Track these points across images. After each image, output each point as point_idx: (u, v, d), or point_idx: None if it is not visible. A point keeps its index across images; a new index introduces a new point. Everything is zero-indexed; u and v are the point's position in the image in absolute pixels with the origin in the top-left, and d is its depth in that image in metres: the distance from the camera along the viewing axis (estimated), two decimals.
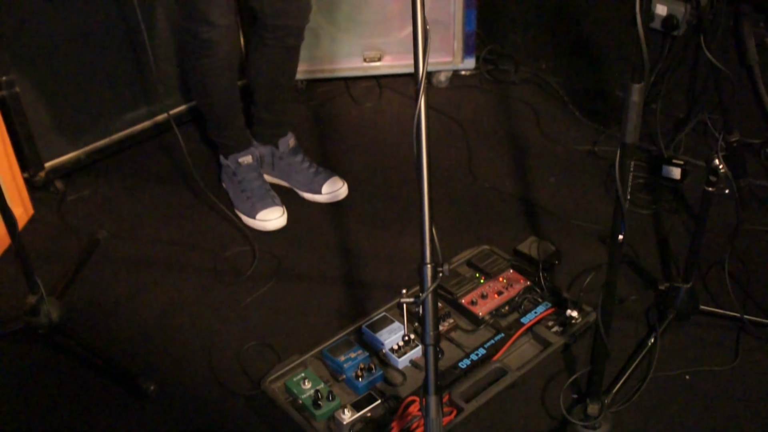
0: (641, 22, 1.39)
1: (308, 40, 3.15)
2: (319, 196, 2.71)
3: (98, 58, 2.72)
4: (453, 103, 3.26)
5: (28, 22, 2.52)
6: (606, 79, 3.21)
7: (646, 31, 1.40)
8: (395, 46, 3.26)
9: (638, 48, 1.42)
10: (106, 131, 2.86)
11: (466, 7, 3.19)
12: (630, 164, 1.57)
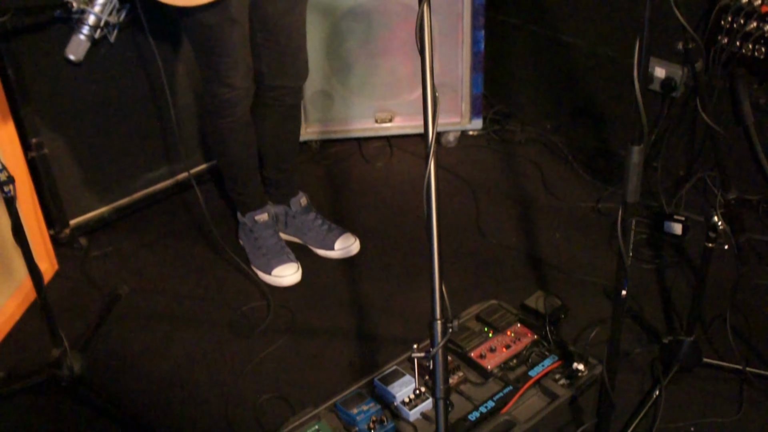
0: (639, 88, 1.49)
1: (322, 102, 3.30)
2: (332, 252, 2.79)
3: (123, 120, 2.84)
4: (461, 162, 3.35)
5: (58, 86, 2.65)
6: (608, 138, 3.30)
7: (644, 95, 1.49)
8: (405, 108, 3.37)
9: (637, 112, 1.51)
10: (129, 189, 2.97)
11: (474, 71, 3.30)
12: (632, 222, 1.64)
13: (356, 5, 3.14)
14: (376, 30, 3.20)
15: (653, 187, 2.88)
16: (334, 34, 3.19)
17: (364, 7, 3.14)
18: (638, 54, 1.42)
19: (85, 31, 2.49)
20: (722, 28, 2.65)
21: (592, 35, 3.22)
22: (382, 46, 3.23)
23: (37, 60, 2.57)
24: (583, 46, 3.26)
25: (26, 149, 2.62)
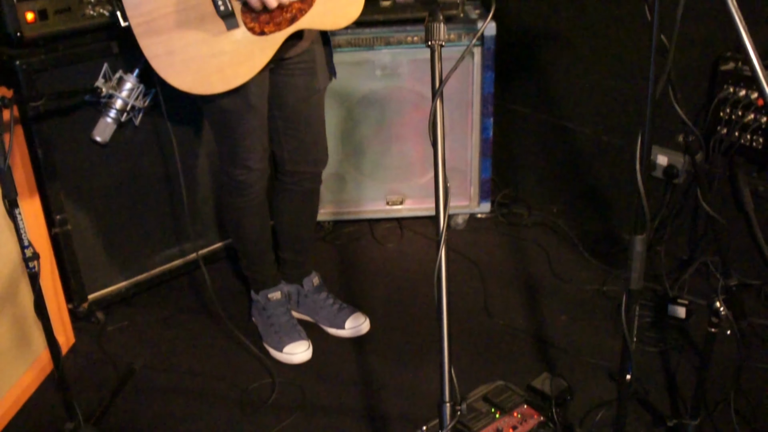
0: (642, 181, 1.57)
1: (335, 185, 3.40)
2: (342, 331, 2.84)
3: (143, 199, 2.94)
4: (470, 244, 3.41)
5: (83, 166, 2.75)
6: (613, 223, 3.37)
7: (647, 182, 1.57)
8: (416, 191, 3.45)
9: (639, 203, 1.59)
10: (147, 265, 3.04)
11: (482, 156, 3.40)
12: (635, 308, 1.70)
13: (370, 92, 3.28)
14: (389, 116, 3.32)
15: (657, 270, 2.94)
16: (348, 119, 3.32)
17: (378, 94, 3.28)
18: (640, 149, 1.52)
19: (113, 115, 2.62)
20: (721, 119, 2.74)
21: (596, 123, 3.32)
22: (394, 132, 3.35)
23: (65, 141, 2.69)
24: (588, 133, 3.37)
25: (50, 225, 2.71)
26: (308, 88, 2.50)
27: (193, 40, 2.12)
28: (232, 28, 2.14)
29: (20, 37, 2.54)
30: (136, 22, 2.08)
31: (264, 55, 2.20)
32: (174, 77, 2.14)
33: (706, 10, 2.52)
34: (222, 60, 2.15)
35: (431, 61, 1.51)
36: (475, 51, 3.19)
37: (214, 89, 2.20)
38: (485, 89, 3.27)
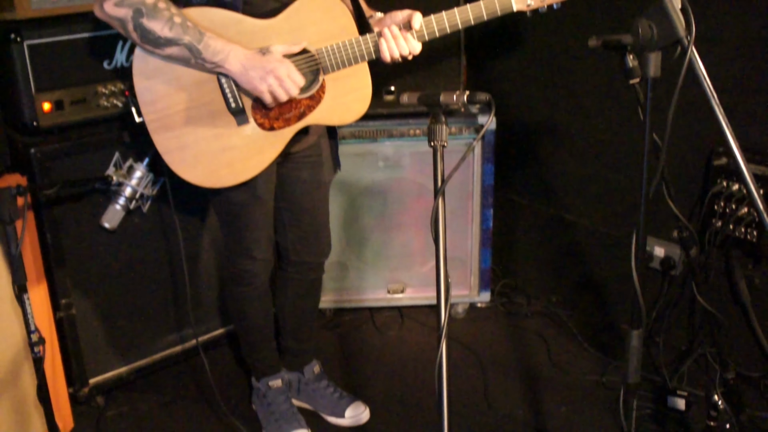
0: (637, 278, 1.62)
1: (337, 272, 3.44)
2: (342, 420, 2.83)
3: (148, 285, 2.98)
4: (469, 334, 3.42)
5: (91, 251, 2.80)
6: (612, 313, 3.38)
7: (644, 274, 1.63)
8: (417, 280, 3.49)
9: (635, 299, 1.63)
10: (149, 351, 3.05)
11: (482, 246, 3.44)
12: (634, 402, 1.73)
13: (373, 183, 3.36)
14: (391, 206, 3.40)
15: (656, 361, 2.95)
16: (351, 209, 3.39)
17: (381, 185, 3.36)
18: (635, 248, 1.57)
19: (122, 202, 2.69)
20: (716, 212, 2.80)
21: (594, 215, 3.38)
22: (396, 221, 3.42)
23: (73, 226, 2.75)
24: (586, 224, 3.43)
25: (55, 309, 2.75)
26: (314, 180, 2.57)
27: (205, 136, 2.20)
28: (243, 124, 2.22)
29: (36, 126, 2.64)
30: (150, 119, 2.17)
31: (273, 150, 2.28)
32: (185, 171, 2.22)
33: (699, 107, 2.61)
34: (232, 155, 2.23)
35: (434, 161, 1.58)
36: (475, 144, 3.28)
37: (223, 183, 2.27)
38: (485, 181, 3.35)
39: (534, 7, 2.26)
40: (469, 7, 2.22)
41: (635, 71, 1.97)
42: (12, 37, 2.55)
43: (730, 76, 2.70)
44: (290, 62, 2.16)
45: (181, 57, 2.10)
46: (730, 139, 1.48)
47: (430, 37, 2.25)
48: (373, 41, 2.24)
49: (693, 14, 1.61)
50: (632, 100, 2.17)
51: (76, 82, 2.69)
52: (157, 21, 2.05)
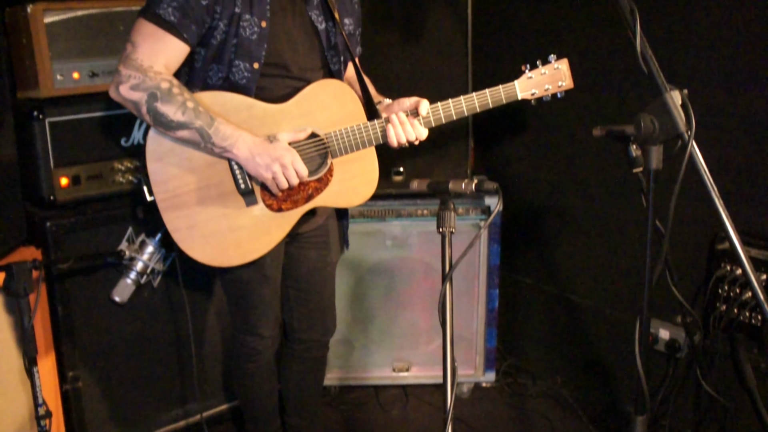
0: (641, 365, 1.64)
1: (342, 350, 3.44)
2: None
3: (155, 359, 2.99)
4: (474, 415, 3.40)
5: (100, 324, 2.83)
6: (617, 395, 3.35)
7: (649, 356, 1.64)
8: (422, 358, 3.49)
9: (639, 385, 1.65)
10: (153, 425, 3.04)
11: (488, 326, 3.45)
12: None
13: (380, 262, 3.40)
14: (398, 285, 3.43)
15: None
16: (358, 287, 3.42)
17: (388, 263, 3.40)
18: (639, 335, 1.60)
19: (133, 276, 2.73)
20: (720, 296, 2.81)
21: (599, 296, 3.40)
22: (402, 300, 3.44)
23: (84, 298, 2.78)
24: (591, 306, 3.44)
25: (62, 381, 2.76)
26: (321, 260, 2.61)
27: (214, 216, 2.25)
28: (251, 204, 2.27)
29: (53, 200, 2.71)
30: (161, 198, 2.23)
31: (281, 231, 2.33)
32: (194, 250, 2.26)
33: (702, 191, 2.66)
34: (240, 235, 2.28)
35: (442, 246, 1.63)
36: (481, 225, 3.33)
37: (231, 262, 2.31)
38: (491, 261, 3.39)
39: (538, 96, 2.34)
40: (475, 95, 2.30)
41: (638, 161, 2.03)
42: (35, 115, 2.64)
43: (733, 160, 2.76)
44: (296, 152, 2.22)
45: (191, 140, 2.16)
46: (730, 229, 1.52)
47: (436, 124, 2.33)
48: (380, 127, 2.31)
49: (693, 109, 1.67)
50: (636, 184, 2.22)
51: (94, 158, 2.78)
52: (171, 105, 2.11)
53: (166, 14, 2.13)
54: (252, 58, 2.22)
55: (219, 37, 2.20)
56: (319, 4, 2.36)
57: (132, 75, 2.11)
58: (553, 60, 2.36)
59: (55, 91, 2.70)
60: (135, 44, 2.15)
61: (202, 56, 2.24)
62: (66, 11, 2.71)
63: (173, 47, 2.16)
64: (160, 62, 2.14)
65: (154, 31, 2.14)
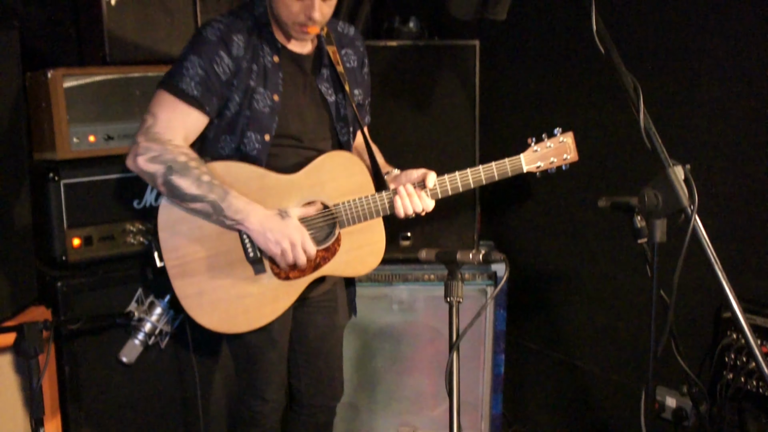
0: None
1: (348, 413, 3.42)
2: None
3: (158, 421, 2.97)
4: None
5: (106, 384, 2.82)
6: None
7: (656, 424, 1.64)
8: (428, 423, 3.45)
9: None
10: None
11: (494, 392, 3.44)
12: None
13: (387, 326, 3.41)
14: (404, 349, 3.42)
15: None
16: (364, 351, 3.42)
17: (394, 327, 3.41)
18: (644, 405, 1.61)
19: (141, 337, 2.74)
20: (727, 364, 2.81)
21: (605, 363, 3.39)
22: (408, 364, 3.43)
23: (91, 358, 2.78)
24: (598, 372, 3.43)
25: None
26: (328, 325, 2.63)
27: (222, 283, 2.27)
28: (260, 273, 2.30)
29: (65, 260, 2.74)
30: (171, 264, 2.25)
31: (288, 298, 2.35)
32: (202, 317, 2.28)
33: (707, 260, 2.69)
34: (248, 302, 2.30)
35: (449, 316, 1.65)
36: (487, 290, 3.35)
37: (239, 329, 2.33)
38: (497, 326, 3.39)
39: (543, 169, 2.39)
40: (481, 168, 2.36)
41: (643, 232, 2.05)
42: (50, 176, 2.70)
43: (737, 229, 2.79)
44: (305, 231, 2.27)
45: (203, 212, 2.20)
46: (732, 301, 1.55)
47: (443, 195, 2.38)
48: (388, 198, 2.36)
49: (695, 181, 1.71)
50: (641, 252, 2.25)
51: (106, 219, 2.82)
52: (186, 179, 2.15)
53: (189, 89, 2.19)
54: (263, 130, 2.28)
55: (233, 109, 2.27)
56: (329, 77, 2.43)
57: (151, 147, 2.16)
58: (558, 133, 2.41)
59: (71, 154, 2.77)
60: (156, 116, 2.21)
61: (215, 127, 2.30)
62: (84, 76, 2.80)
63: (194, 120, 2.23)
64: (180, 135, 2.20)
65: (176, 105, 2.21)
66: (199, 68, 2.21)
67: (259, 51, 2.30)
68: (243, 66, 2.26)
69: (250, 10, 2.35)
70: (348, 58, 2.50)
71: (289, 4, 2.21)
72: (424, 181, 2.36)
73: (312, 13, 2.21)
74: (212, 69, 2.22)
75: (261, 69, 2.29)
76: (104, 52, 2.89)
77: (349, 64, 2.51)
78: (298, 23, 2.24)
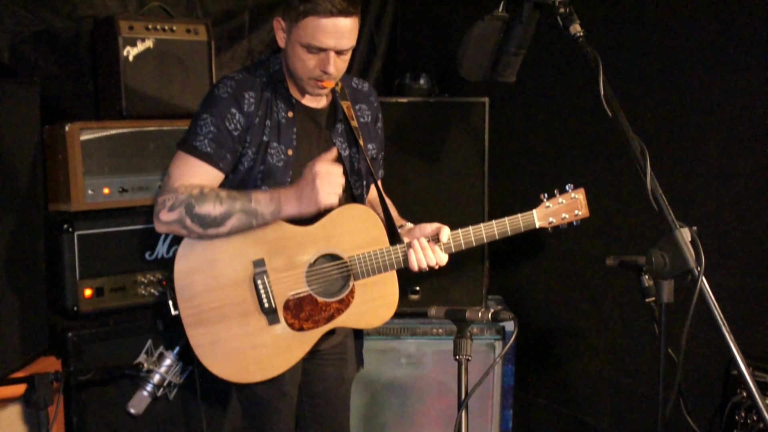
0: None
1: None
2: None
3: None
4: None
5: None
6: None
7: None
8: None
9: None
10: None
11: None
12: None
13: (395, 379, 3.41)
14: (412, 402, 3.42)
15: None
16: (371, 404, 3.42)
17: (402, 381, 3.40)
18: None
19: (149, 389, 2.74)
20: (737, 422, 2.79)
21: (613, 419, 3.37)
22: (416, 418, 3.42)
23: (99, 408, 2.80)
24: (605, 428, 3.40)
25: None
26: (337, 378, 2.63)
27: (236, 333, 2.29)
28: (274, 323, 2.32)
29: (76, 311, 2.77)
30: (186, 314, 2.27)
31: (301, 349, 2.37)
32: (215, 366, 2.30)
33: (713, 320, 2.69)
34: (261, 352, 2.32)
35: (458, 373, 1.67)
36: (496, 345, 3.35)
37: (251, 378, 2.34)
38: (505, 382, 3.39)
39: (555, 225, 2.42)
40: (494, 223, 2.39)
41: (651, 291, 2.08)
42: (65, 228, 2.74)
43: (746, 285, 2.80)
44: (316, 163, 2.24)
45: (242, 225, 2.23)
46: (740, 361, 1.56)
47: (456, 250, 2.40)
48: (402, 252, 2.38)
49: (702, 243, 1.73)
50: (649, 309, 2.25)
51: (118, 270, 2.86)
52: (207, 203, 2.19)
53: (203, 146, 2.25)
54: (277, 183, 2.32)
55: (247, 163, 2.32)
56: (343, 131, 2.48)
57: (166, 198, 2.21)
58: (570, 190, 2.45)
59: (85, 205, 2.81)
60: (170, 175, 2.27)
61: (230, 181, 2.34)
62: (101, 130, 2.86)
63: (209, 176, 2.28)
64: (194, 182, 2.24)
65: (190, 162, 2.26)
66: (212, 125, 2.26)
67: (273, 106, 2.35)
68: (255, 122, 2.31)
69: (266, 67, 2.41)
70: (362, 113, 2.55)
71: (305, 59, 2.27)
72: (437, 235, 2.39)
73: (327, 68, 2.26)
74: (224, 125, 2.27)
75: (275, 124, 2.34)
76: (121, 106, 2.96)
77: (363, 119, 2.55)
78: (313, 78, 2.29)
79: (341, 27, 2.22)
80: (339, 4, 2.18)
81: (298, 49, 2.26)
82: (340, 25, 2.22)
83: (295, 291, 2.33)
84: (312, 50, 2.24)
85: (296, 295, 2.33)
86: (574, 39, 1.93)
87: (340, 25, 2.22)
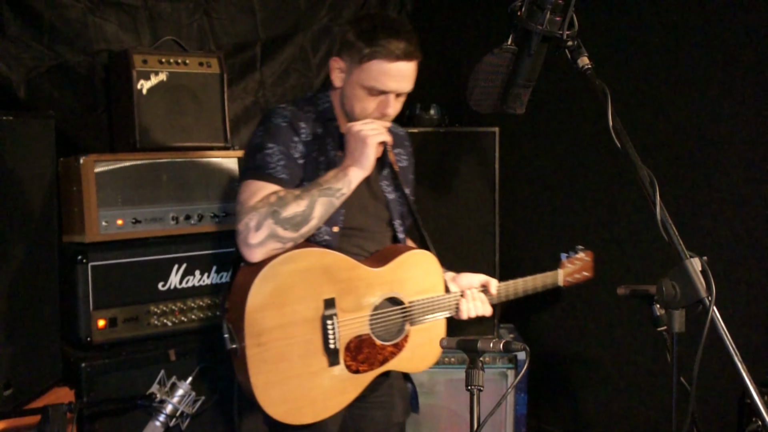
0: None
1: None
2: None
3: None
4: None
5: None
6: None
7: None
8: None
9: None
10: None
11: None
12: None
13: None
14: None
15: None
16: None
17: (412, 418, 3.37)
18: None
19: (162, 419, 2.74)
20: None
21: None
22: None
23: None
24: None
25: None
26: (386, 421, 2.55)
27: (297, 373, 2.20)
28: (334, 365, 2.24)
29: (89, 341, 2.78)
30: (252, 351, 2.12)
31: (354, 391, 2.31)
32: (271, 406, 2.16)
33: None
34: (316, 393, 2.23)
35: (470, 404, 1.67)
36: (508, 373, 3.34)
37: (302, 420, 2.22)
38: (518, 411, 3.37)
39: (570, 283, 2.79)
40: (529, 278, 2.63)
41: (662, 320, 2.08)
42: (79, 259, 2.76)
43: (757, 314, 2.80)
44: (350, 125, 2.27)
45: (327, 208, 2.18)
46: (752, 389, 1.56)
47: (499, 301, 2.52)
48: (455, 299, 2.43)
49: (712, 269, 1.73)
50: (662, 337, 2.25)
51: (131, 301, 2.87)
52: (289, 204, 2.13)
53: (276, 172, 2.20)
54: (331, 222, 2.29)
55: None
56: (389, 175, 2.48)
57: (248, 220, 2.13)
58: (582, 253, 2.77)
59: (99, 237, 2.84)
60: (242, 201, 2.19)
61: None
62: (115, 162, 2.89)
63: None
64: None
65: (266, 187, 2.19)
66: (280, 154, 2.22)
67: (325, 144, 2.33)
68: (312, 155, 2.29)
69: (312, 104, 2.38)
70: (400, 158, 2.55)
71: (365, 101, 2.26)
72: (484, 286, 2.45)
73: (387, 110, 2.26)
74: (289, 153, 2.24)
75: (328, 162, 2.31)
76: (134, 139, 2.99)
77: (401, 163, 2.55)
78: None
79: (405, 71, 2.23)
80: (405, 48, 2.19)
81: (358, 90, 2.25)
82: (403, 69, 2.23)
83: (358, 333, 2.30)
84: (374, 92, 2.25)
85: (358, 336, 2.30)
86: (583, 71, 1.95)
87: (404, 69, 2.23)
